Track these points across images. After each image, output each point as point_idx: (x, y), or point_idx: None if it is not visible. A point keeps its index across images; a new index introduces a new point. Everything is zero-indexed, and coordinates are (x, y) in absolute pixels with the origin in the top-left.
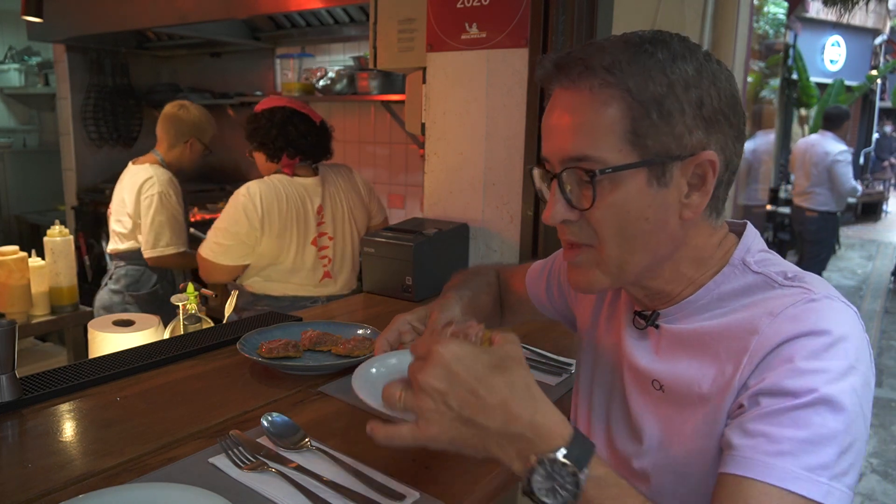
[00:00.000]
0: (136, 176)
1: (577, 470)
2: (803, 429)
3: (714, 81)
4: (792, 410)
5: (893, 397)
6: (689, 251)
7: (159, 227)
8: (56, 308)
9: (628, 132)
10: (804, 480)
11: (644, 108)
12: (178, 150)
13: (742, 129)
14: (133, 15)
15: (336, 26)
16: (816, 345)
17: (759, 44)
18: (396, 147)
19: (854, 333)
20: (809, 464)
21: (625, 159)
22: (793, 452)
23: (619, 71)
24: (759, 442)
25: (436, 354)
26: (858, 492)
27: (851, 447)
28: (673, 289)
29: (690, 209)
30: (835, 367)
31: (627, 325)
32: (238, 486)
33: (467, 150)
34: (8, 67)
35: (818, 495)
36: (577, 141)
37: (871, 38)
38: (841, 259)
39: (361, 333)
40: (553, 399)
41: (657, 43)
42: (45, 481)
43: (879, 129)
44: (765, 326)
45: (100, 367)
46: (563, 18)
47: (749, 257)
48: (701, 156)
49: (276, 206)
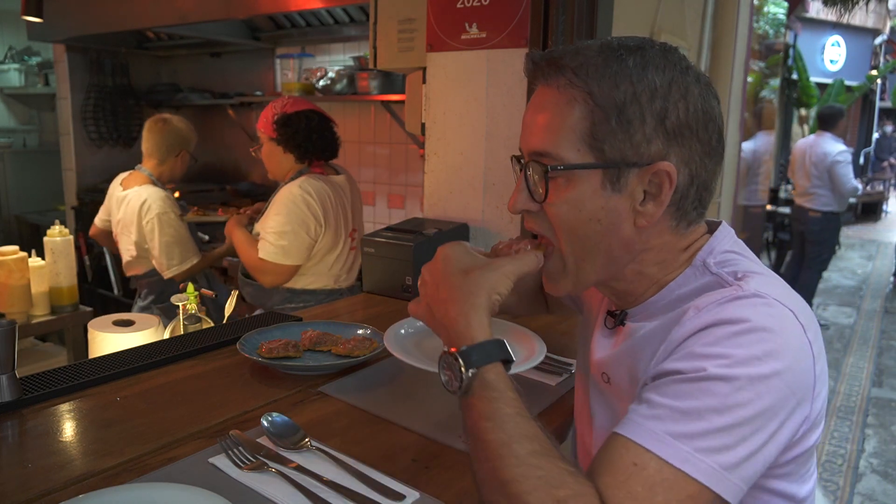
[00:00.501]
0: (131, 202)
1: (463, 368)
2: (680, 400)
3: (685, 95)
4: (676, 383)
5: (893, 397)
6: (651, 255)
7: (168, 248)
8: (56, 308)
9: (587, 134)
10: (664, 443)
11: (605, 112)
12: (169, 164)
13: (716, 146)
14: (133, 15)
15: (336, 26)
16: (722, 333)
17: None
18: (396, 147)
19: (777, 329)
20: (675, 431)
21: (581, 159)
22: (662, 418)
23: (585, 74)
24: (641, 407)
25: (437, 252)
26: (858, 492)
27: (731, 429)
28: (636, 289)
29: (644, 217)
30: (735, 354)
31: (601, 324)
32: (238, 486)
33: (467, 150)
34: (8, 67)
35: (675, 460)
36: (541, 137)
37: (871, 38)
38: (841, 259)
39: (361, 333)
40: (553, 399)
41: (633, 50)
42: (45, 481)
43: (879, 129)
44: (687, 319)
45: (100, 367)
46: (563, 18)
47: (710, 258)
48: (657, 165)
49: (329, 202)
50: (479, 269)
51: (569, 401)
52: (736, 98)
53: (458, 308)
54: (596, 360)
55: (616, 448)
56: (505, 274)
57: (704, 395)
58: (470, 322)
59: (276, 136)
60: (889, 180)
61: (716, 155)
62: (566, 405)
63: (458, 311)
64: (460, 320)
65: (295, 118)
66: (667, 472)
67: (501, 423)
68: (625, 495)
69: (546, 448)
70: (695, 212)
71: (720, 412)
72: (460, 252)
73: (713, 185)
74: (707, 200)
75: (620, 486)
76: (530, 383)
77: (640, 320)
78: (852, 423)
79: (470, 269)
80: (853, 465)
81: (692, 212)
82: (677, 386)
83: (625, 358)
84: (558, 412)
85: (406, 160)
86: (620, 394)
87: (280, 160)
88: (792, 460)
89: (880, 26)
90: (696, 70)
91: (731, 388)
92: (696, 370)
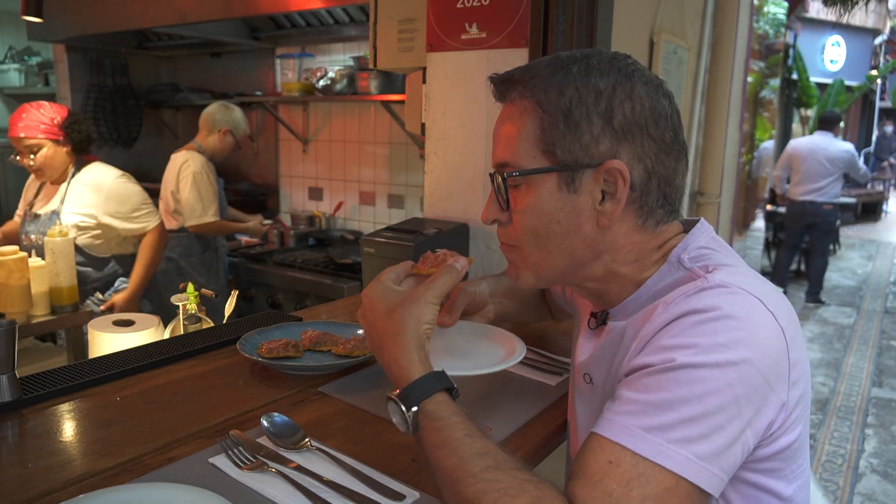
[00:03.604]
0: (175, 162)
1: (404, 409)
2: (649, 393)
3: (630, 95)
4: (646, 376)
5: (893, 397)
6: (622, 254)
7: (195, 200)
8: (56, 308)
9: (539, 140)
10: (636, 438)
11: (553, 118)
12: (213, 139)
13: (671, 143)
14: (133, 15)
15: (336, 26)
16: (687, 322)
17: (759, 44)
18: (396, 147)
19: (743, 316)
20: (646, 424)
21: (537, 165)
22: (633, 412)
23: (533, 85)
24: (614, 404)
25: (363, 295)
26: (858, 492)
27: (704, 418)
28: (612, 289)
29: (605, 217)
30: (701, 343)
31: (585, 326)
32: (238, 486)
33: (467, 150)
34: (8, 67)
35: (650, 454)
36: (502, 148)
37: (871, 38)
38: (841, 259)
39: (361, 333)
40: (553, 399)
41: (578, 60)
42: (45, 481)
43: (879, 129)
44: (656, 315)
45: (100, 367)
46: (563, 18)
47: (685, 254)
48: (608, 164)
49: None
50: (400, 306)
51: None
52: (736, 98)
53: (389, 352)
54: (579, 363)
55: (591, 448)
56: (427, 301)
57: (674, 385)
58: (401, 364)
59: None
60: (889, 180)
61: (673, 151)
62: (566, 405)
63: (391, 355)
64: (393, 364)
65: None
66: (642, 467)
67: (453, 448)
68: (600, 494)
69: (500, 461)
70: (661, 210)
71: (690, 402)
72: (381, 292)
73: (678, 182)
74: (673, 197)
75: (596, 485)
76: (530, 383)
77: (620, 319)
78: (852, 423)
79: (392, 309)
80: (853, 465)
81: (658, 210)
82: (647, 379)
83: (602, 357)
84: (558, 412)
85: (406, 160)
86: (601, 394)
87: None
88: (775, 455)
89: (880, 26)
90: (646, 72)
91: (701, 377)
92: (665, 361)
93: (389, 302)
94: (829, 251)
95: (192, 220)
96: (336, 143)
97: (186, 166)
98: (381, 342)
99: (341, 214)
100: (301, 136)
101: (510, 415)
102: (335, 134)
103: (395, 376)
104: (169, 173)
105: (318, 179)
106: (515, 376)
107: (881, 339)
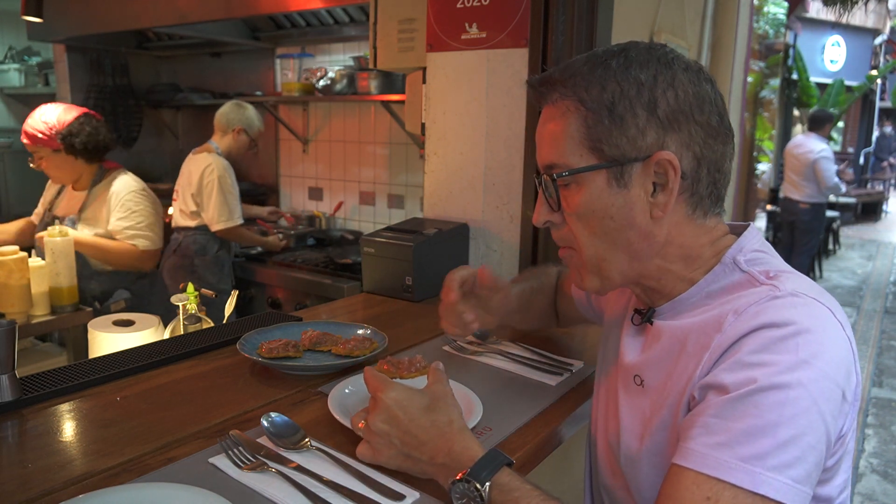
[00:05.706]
0: (198, 164)
1: (478, 485)
2: (740, 420)
3: (672, 83)
4: (732, 402)
5: (893, 397)
6: (675, 249)
7: (221, 205)
8: (56, 308)
9: (585, 138)
10: (738, 470)
11: (596, 114)
12: (227, 139)
13: (717, 127)
14: (133, 15)
15: (336, 26)
16: (767, 338)
17: (759, 44)
18: (396, 147)
19: (819, 329)
20: (744, 454)
21: (585, 163)
22: (725, 443)
23: (573, 84)
24: (699, 433)
25: (380, 401)
26: (858, 492)
27: (796, 440)
28: (664, 286)
29: (658, 208)
30: (783, 361)
31: (628, 323)
32: (238, 486)
33: (467, 150)
34: (8, 67)
35: (751, 485)
36: (548, 150)
37: (871, 38)
38: (841, 259)
39: (361, 333)
40: (553, 399)
41: (616, 54)
42: (45, 481)
43: (879, 129)
44: (727, 325)
45: (100, 367)
46: (563, 18)
47: (741, 256)
48: (657, 155)
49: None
50: (439, 399)
51: (569, 401)
52: (736, 98)
53: (441, 442)
54: (627, 363)
55: (685, 485)
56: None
57: (762, 409)
58: (460, 448)
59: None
60: (889, 180)
61: (720, 135)
62: (566, 405)
63: (444, 445)
64: (444, 452)
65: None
66: (742, 499)
67: None
68: None
69: None
70: (709, 199)
71: (781, 426)
72: (407, 394)
73: (726, 167)
74: (721, 185)
75: None
76: (530, 383)
77: (669, 318)
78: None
79: (431, 405)
80: (853, 465)
81: (707, 198)
82: (732, 404)
83: (661, 361)
84: (558, 412)
85: (406, 160)
86: (655, 397)
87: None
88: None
89: (880, 26)
90: (685, 59)
91: (788, 398)
92: (747, 382)
93: (422, 400)
94: (816, 251)
95: (219, 225)
96: (336, 143)
97: (210, 171)
98: (426, 437)
99: (341, 214)
100: (301, 136)
101: (510, 415)
102: (335, 134)
103: (457, 461)
104: (191, 175)
105: (318, 179)
106: (515, 376)
107: (881, 339)
